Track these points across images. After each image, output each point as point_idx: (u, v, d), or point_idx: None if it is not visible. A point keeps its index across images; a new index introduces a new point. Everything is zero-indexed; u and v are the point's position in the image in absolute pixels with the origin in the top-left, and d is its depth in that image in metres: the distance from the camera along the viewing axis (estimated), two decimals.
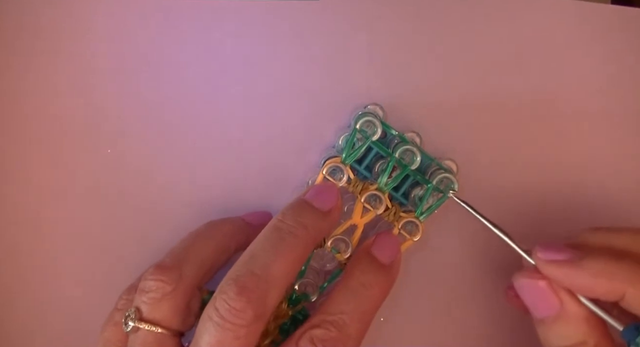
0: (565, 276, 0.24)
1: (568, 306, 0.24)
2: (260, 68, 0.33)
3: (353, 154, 0.30)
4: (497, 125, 0.33)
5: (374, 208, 0.29)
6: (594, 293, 0.24)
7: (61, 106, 0.33)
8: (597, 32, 0.34)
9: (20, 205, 0.33)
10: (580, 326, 0.24)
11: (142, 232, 0.33)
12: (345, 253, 0.29)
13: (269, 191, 0.33)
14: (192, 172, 0.33)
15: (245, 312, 0.23)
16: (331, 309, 0.26)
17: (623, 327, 0.23)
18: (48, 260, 0.33)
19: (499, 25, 0.34)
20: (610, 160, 0.33)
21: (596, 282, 0.23)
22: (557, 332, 0.24)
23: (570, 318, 0.24)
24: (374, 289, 0.27)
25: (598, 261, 0.23)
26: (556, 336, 0.24)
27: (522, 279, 0.25)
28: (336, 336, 0.25)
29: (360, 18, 0.33)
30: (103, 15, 0.33)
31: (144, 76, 0.33)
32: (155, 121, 0.33)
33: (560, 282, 0.24)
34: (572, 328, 0.24)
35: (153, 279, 0.26)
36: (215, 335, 0.23)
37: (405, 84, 0.33)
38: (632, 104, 0.33)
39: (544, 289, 0.25)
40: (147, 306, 0.25)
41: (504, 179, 0.33)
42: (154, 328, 0.25)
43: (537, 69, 0.33)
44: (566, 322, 0.24)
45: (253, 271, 0.24)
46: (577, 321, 0.24)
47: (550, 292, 0.24)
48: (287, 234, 0.25)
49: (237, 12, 0.33)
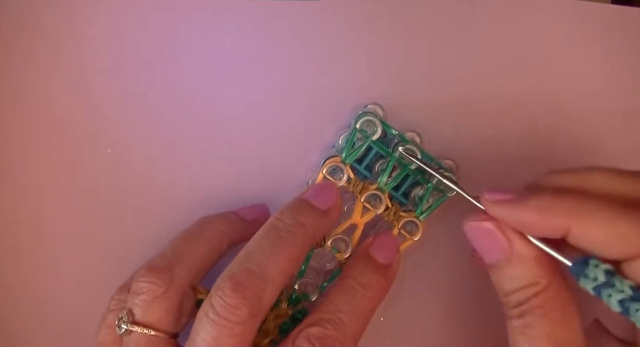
0: (510, 213, 0.23)
1: (516, 246, 0.24)
2: (260, 68, 0.33)
3: (353, 153, 0.30)
4: (497, 125, 0.33)
5: (374, 208, 0.29)
6: (540, 230, 0.23)
7: (61, 106, 0.33)
8: (597, 32, 0.34)
9: (20, 205, 0.33)
10: (530, 267, 0.23)
11: (142, 232, 0.33)
12: (345, 253, 0.29)
13: (269, 191, 0.33)
14: (192, 172, 0.33)
15: (241, 309, 0.23)
16: (328, 308, 0.26)
17: (571, 263, 0.22)
18: (48, 260, 0.33)
19: (499, 25, 0.34)
20: (610, 160, 0.33)
21: (540, 218, 0.22)
22: (509, 274, 0.24)
23: (520, 259, 0.23)
24: (371, 289, 0.27)
25: (541, 197, 0.23)
26: (508, 278, 0.24)
27: (470, 223, 0.25)
28: (333, 334, 0.25)
29: (360, 18, 0.33)
30: (103, 15, 0.33)
31: (144, 76, 0.33)
32: (155, 121, 0.33)
33: (507, 221, 0.24)
34: (523, 269, 0.23)
35: (144, 281, 0.26)
36: (210, 332, 0.23)
37: (405, 84, 0.33)
38: (632, 104, 0.33)
39: (491, 230, 0.24)
40: (139, 309, 0.25)
41: (504, 179, 0.33)
42: (147, 331, 0.25)
43: (537, 69, 0.33)
44: (516, 263, 0.23)
45: (249, 268, 0.24)
46: (527, 261, 0.23)
47: (498, 232, 0.24)
48: (284, 232, 0.25)
49: (237, 12, 0.33)
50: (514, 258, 0.24)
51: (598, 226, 0.21)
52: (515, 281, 0.24)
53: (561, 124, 0.33)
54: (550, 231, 0.23)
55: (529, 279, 0.23)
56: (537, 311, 0.23)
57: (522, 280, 0.23)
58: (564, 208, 0.22)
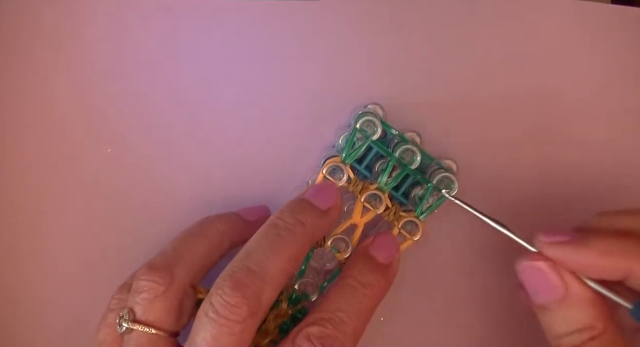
0: (570, 255, 0.23)
1: (572, 288, 0.23)
2: (261, 68, 0.33)
3: (353, 153, 0.30)
4: (497, 125, 0.33)
5: (374, 208, 0.29)
6: (600, 272, 0.23)
7: (61, 106, 0.33)
8: (597, 32, 0.34)
9: (20, 205, 0.33)
10: (586, 309, 0.23)
11: (142, 232, 0.33)
12: (345, 252, 0.29)
13: (269, 191, 0.33)
14: (192, 172, 0.33)
15: (240, 308, 0.23)
16: (328, 307, 0.26)
17: (632, 305, 0.22)
18: (48, 260, 0.33)
19: (499, 25, 0.34)
20: (610, 159, 0.33)
21: (601, 260, 0.22)
22: (562, 316, 0.23)
23: (576, 300, 0.23)
24: (371, 289, 0.27)
25: (603, 239, 0.23)
26: (561, 321, 0.23)
27: (523, 262, 0.25)
28: (332, 333, 0.25)
29: (360, 18, 0.33)
30: (103, 15, 0.33)
31: (144, 76, 0.33)
32: (155, 121, 0.33)
33: (564, 262, 0.23)
34: (578, 311, 0.23)
35: (145, 280, 0.26)
36: (210, 331, 0.23)
37: (405, 84, 0.33)
38: (632, 103, 0.33)
39: (545, 271, 0.24)
40: (140, 307, 0.25)
41: (504, 179, 0.33)
42: (148, 329, 0.25)
43: (537, 68, 0.33)
44: (571, 305, 0.23)
45: (249, 267, 0.24)
46: (584, 303, 0.23)
47: (553, 273, 0.24)
48: (284, 231, 0.25)
49: (237, 12, 0.33)
50: (568, 299, 0.23)
51: None
52: (570, 323, 0.23)
53: (561, 124, 0.33)
54: (610, 274, 0.23)
55: (585, 322, 0.23)
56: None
57: (577, 323, 0.23)
58: (627, 251, 0.22)
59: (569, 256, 0.23)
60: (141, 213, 0.33)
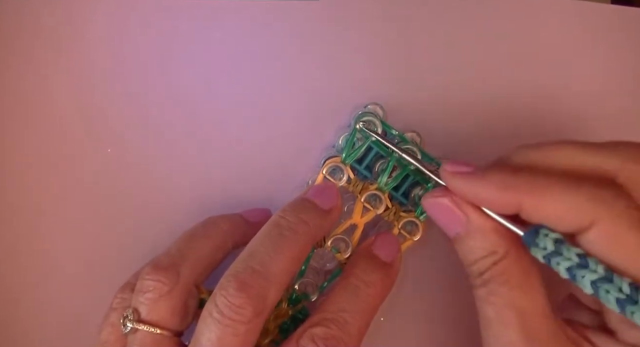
0: (467, 187, 0.24)
1: (473, 218, 0.24)
2: (261, 68, 0.33)
3: (353, 153, 0.30)
4: (498, 125, 0.33)
5: (374, 208, 0.29)
6: (495, 206, 0.24)
7: (61, 106, 0.33)
8: (597, 32, 0.34)
9: (20, 205, 0.33)
10: (488, 237, 0.24)
11: (142, 232, 0.33)
12: (345, 253, 0.29)
13: (269, 191, 0.33)
14: (192, 173, 0.33)
15: (245, 309, 0.23)
16: (332, 307, 0.26)
17: (523, 233, 0.23)
18: (48, 260, 0.33)
19: (499, 25, 0.34)
20: None
21: (493, 193, 0.23)
22: (468, 246, 0.24)
23: (477, 230, 0.24)
24: (374, 288, 0.26)
25: (498, 173, 0.23)
26: (468, 250, 0.24)
27: (427, 199, 0.26)
28: (337, 334, 0.24)
29: (360, 18, 0.33)
30: (103, 16, 0.33)
31: (144, 76, 0.33)
32: (155, 121, 0.33)
33: (464, 194, 0.24)
34: (481, 240, 0.24)
35: (150, 279, 0.26)
36: (215, 331, 0.23)
37: (405, 83, 0.33)
38: (632, 103, 0.33)
39: (447, 205, 0.25)
40: (145, 307, 0.25)
41: None
42: (153, 329, 0.25)
43: (537, 68, 0.33)
44: (474, 234, 0.24)
45: (253, 267, 0.24)
46: (484, 232, 0.24)
47: (454, 207, 0.25)
48: (287, 230, 0.25)
49: (237, 12, 0.33)
50: (471, 229, 0.24)
51: (549, 201, 0.22)
52: (475, 251, 0.24)
53: (561, 124, 0.33)
54: (503, 207, 0.23)
55: (487, 248, 0.24)
56: (497, 278, 0.23)
57: (481, 250, 0.24)
58: (517, 184, 0.23)
59: (466, 187, 0.24)
60: (141, 213, 0.33)
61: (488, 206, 0.24)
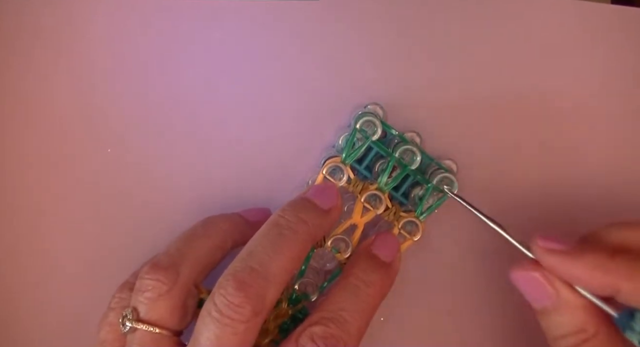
0: (561, 265, 0.24)
1: (564, 295, 0.24)
2: (261, 68, 0.33)
3: (353, 153, 0.30)
4: (497, 125, 0.33)
5: (374, 208, 0.29)
6: (590, 286, 0.24)
7: (61, 106, 0.33)
8: (597, 32, 0.34)
9: (21, 205, 0.33)
10: (577, 314, 0.24)
11: (142, 232, 0.33)
12: (345, 253, 0.29)
13: (269, 191, 0.33)
14: (192, 172, 0.33)
15: (244, 308, 0.23)
16: (331, 306, 0.26)
17: (617, 314, 0.23)
18: (48, 260, 0.33)
19: (499, 25, 0.34)
20: (610, 159, 0.33)
21: (590, 275, 0.23)
22: (556, 321, 0.24)
23: (567, 306, 0.24)
24: (374, 287, 0.26)
25: (595, 254, 0.23)
26: (555, 325, 0.25)
27: (516, 272, 0.26)
28: (336, 333, 0.24)
29: (360, 18, 0.33)
30: (103, 16, 0.33)
31: (144, 76, 0.33)
32: (156, 121, 0.33)
33: (557, 272, 0.24)
34: (569, 316, 0.24)
35: (149, 279, 0.25)
36: (214, 330, 0.23)
37: (405, 84, 0.33)
38: (632, 103, 0.33)
39: (538, 279, 0.25)
40: (144, 306, 0.25)
41: (504, 178, 0.33)
42: (152, 328, 0.25)
43: (537, 68, 0.33)
44: (563, 310, 0.24)
45: (252, 267, 0.24)
46: (574, 309, 0.24)
47: (545, 281, 0.25)
48: (286, 230, 0.25)
49: (237, 12, 0.33)
50: (561, 305, 0.24)
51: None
52: (563, 327, 0.24)
53: (561, 124, 0.33)
54: (599, 289, 0.23)
55: (577, 325, 0.24)
56: None
57: (570, 326, 0.24)
58: (615, 268, 0.23)
59: (561, 266, 0.24)
60: (141, 213, 0.33)
61: (582, 286, 0.24)
